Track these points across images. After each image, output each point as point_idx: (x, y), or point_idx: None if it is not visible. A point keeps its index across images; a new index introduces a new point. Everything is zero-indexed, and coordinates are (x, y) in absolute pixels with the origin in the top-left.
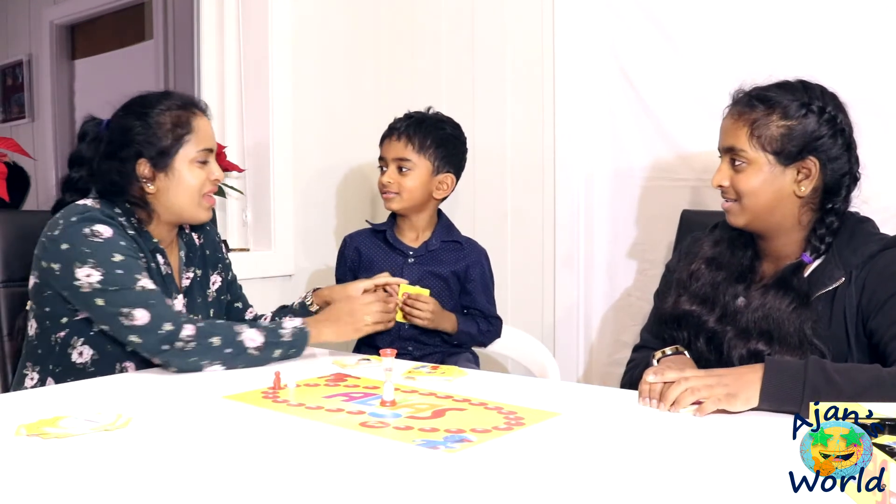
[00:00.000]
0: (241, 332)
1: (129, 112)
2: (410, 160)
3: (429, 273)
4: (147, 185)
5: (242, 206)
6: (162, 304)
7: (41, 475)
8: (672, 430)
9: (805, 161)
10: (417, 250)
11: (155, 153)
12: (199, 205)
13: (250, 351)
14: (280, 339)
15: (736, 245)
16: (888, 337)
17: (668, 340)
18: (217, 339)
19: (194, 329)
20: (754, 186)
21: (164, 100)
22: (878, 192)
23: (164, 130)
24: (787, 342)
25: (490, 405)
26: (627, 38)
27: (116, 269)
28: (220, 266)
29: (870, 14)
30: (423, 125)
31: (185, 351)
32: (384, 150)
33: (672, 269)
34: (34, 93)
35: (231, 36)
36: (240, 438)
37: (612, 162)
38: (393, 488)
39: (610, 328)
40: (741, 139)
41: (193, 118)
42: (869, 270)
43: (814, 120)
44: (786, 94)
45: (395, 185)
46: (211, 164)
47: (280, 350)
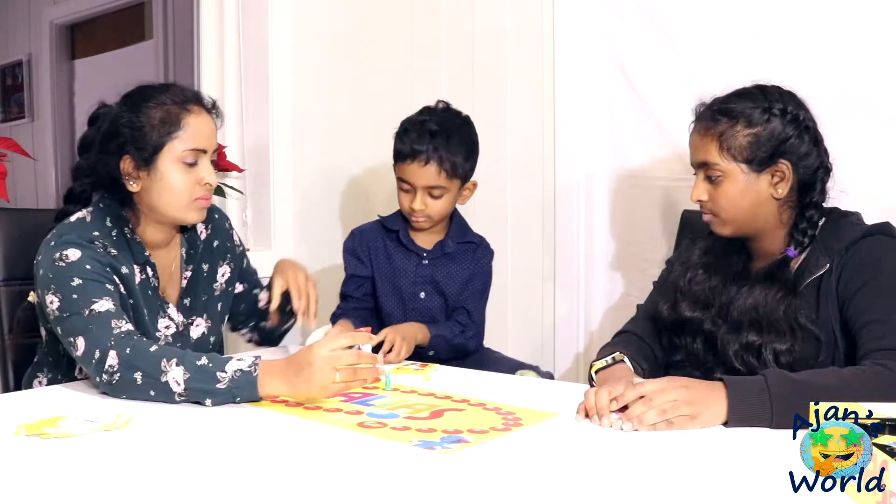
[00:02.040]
0: (168, 370)
1: (125, 103)
2: (444, 187)
3: (443, 276)
4: (129, 182)
5: (242, 206)
6: (101, 328)
7: (41, 475)
8: (671, 430)
9: (777, 164)
10: (432, 252)
11: (138, 149)
12: (186, 207)
13: (176, 397)
14: (214, 385)
15: (729, 249)
16: (858, 325)
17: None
18: (139, 375)
19: (117, 358)
20: (733, 197)
21: (161, 93)
22: (879, 192)
23: (152, 125)
24: (777, 329)
25: (489, 405)
26: (627, 38)
27: (72, 294)
28: (228, 256)
29: (869, 14)
30: (451, 141)
31: (112, 385)
32: (409, 175)
33: (673, 265)
34: (34, 93)
35: (231, 36)
36: (239, 438)
37: (612, 162)
38: (388, 488)
39: (610, 328)
40: (712, 153)
41: (187, 115)
42: (849, 258)
43: (778, 123)
44: (746, 102)
45: (427, 211)
46: (201, 166)
47: (211, 399)
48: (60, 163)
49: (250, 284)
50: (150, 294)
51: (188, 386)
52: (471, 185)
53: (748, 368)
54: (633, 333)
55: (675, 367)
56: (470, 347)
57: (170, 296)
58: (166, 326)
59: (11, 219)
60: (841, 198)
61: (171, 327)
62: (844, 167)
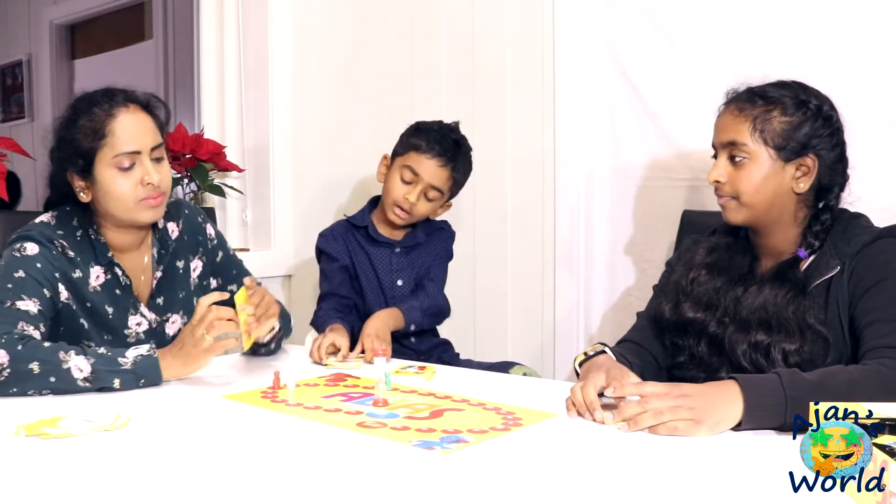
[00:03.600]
0: (68, 359)
1: (64, 113)
2: (443, 193)
3: (417, 262)
4: (80, 193)
5: (242, 206)
6: (3, 324)
7: (41, 475)
8: (676, 435)
9: (805, 158)
10: (404, 241)
11: (75, 162)
12: (134, 209)
13: (80, 382)
14: (120, 367)
15: (734, 250)
16: (864, 323)
17: (665, 344)
18: (36, 364)
19: (7, 356)
20: (755, 181)
21: (91, 103)
22: (879, 192)
23: (82, 137)
24: (787, 329)
25: (488, 405)
26: (627, 38)
27: (7, 285)
28: (200, 250)
29: (869, 14)
30: (466, 158)
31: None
32: (423, 168)
33: (673, 266)
34: (34, 93)
35: (231, 36)
36: (238, 438)
37: (612, 161)
38: (387, 488)
39: (610, 328)
40: (743, 133)
41: (111, 120)
42: (859, 260)
43: (812, 118)
44: (785, 91)
45: (414, 206)
46: (138, 168)
47: (119, 379)
48: None
49: (225, 280)
50: (118, 293)
51: (94, 368)
52: (449, 203)
53: (756, 368)
54: (632, 341)
55: (679, 368)
56: (442, 304)
57: (142, 295)
58: (137, 324)
59: (11, 219)
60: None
61: (142, 324)
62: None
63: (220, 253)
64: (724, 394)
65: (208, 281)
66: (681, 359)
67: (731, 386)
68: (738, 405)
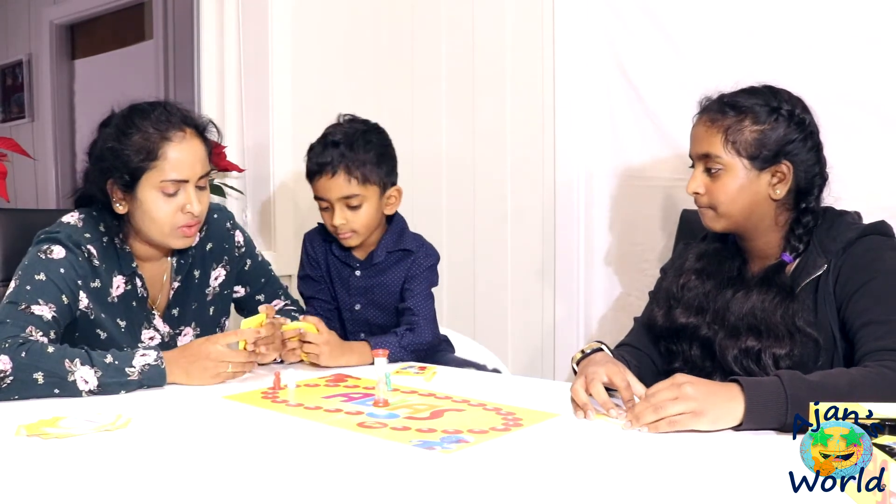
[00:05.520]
0: (74, 369)
1: (117, 122)
2: (358, 195)
3: (376, 287)
4: (116, 204)
5: (242, 206)
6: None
7: (41, 475)
8: (675, 428)
9: (779, 165)
10: (363, 263)
11: (119, 175)
12: (169, 235)
13: (85, 394)
14: (126, 377)
15: (723, 254)
16: (857, 326)
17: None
18: (41, 375)
19: (10, 363)
20: (731, 192)
21: (145, 118)
22: (879, 192)
23: (132, 153)
24: (776, 334)
25: (489, 406)
26: (627, 38)
27: (26, 286)
28: (225, 258)
29: (869, 14)
30: (354, 148)
31: (1, 388)
32: (322, 191)
33: (667, 272)
34: (34, 93)
35: (231, 36)
36: (239, 438)
37: (612, 161)
38: (387, 488)
39: (610, 328)
40: (716, 145)
41: (166, 144)
42: (846, 258)
43: (784, 124)
44: (755, 99)
45: (350, 224)
46: (181, 195)
47: (125, 390)
48: (60, 163)
49: (253, 289)
50: (134, 305)
51: (101, 381)
52: (394, 191)
53: (748, 373)
54: (629, 345)
55: (674, 373)
56: (424, 340)
57: (159, 305)
58: (150, 338)
59: (11, 219)
60: (841, 198)
61: (155, 338)
62: (844, 167)
63: (249, 261)
64: (726, 391)
65: (231, 290)
66: (676, 364)
67: (732, 386)
68: (740, 403)
